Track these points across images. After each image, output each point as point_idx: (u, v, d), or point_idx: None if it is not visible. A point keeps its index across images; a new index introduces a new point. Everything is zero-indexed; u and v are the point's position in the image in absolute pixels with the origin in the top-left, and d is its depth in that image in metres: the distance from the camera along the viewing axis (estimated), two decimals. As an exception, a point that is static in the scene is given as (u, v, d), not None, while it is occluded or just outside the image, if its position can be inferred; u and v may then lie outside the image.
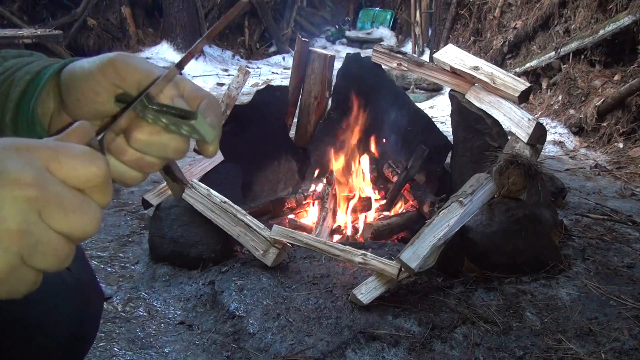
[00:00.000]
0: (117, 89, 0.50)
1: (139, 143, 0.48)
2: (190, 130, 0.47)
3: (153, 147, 0.49)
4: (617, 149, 3.62)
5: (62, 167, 0.39)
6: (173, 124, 0.47)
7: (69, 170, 0.39)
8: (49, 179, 0.38)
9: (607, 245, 2.23)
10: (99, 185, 0.41)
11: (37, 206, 0.37)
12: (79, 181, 0.40)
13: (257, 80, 6.76)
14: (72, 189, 0.39)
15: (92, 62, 0.51)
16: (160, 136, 0.48)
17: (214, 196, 2.02)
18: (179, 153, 0.50)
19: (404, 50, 2.41)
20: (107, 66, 0.50)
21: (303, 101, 2.80)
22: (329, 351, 1.56)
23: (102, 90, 0.50)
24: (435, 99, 5.55)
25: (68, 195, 0.39)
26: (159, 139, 0.48)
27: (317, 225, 2.34)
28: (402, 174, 2.52)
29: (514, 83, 2.06)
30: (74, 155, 0.40)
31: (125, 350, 1.58)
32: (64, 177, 0.39)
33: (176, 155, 0.50)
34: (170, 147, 0.49)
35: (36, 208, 0.37)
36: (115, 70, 0.50)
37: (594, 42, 4.08)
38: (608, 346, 1.58)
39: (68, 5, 7.01)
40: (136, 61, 0.51)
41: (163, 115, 0.47)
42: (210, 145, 0.49)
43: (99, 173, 0.40)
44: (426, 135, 2.60)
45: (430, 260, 1.73)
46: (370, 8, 10.84)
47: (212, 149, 0.49)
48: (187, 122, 0.46)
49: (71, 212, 0.38)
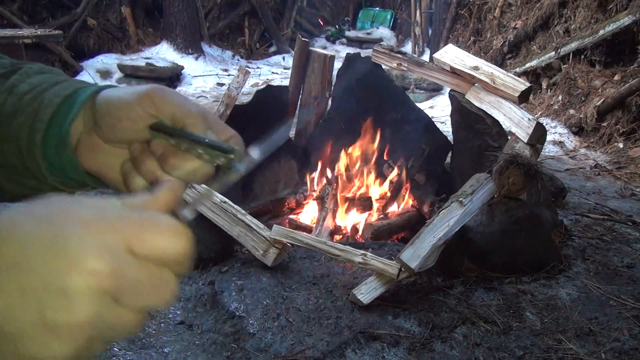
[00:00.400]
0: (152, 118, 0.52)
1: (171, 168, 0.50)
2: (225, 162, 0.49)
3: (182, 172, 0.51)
4: (617, 149, 3.62)
5: (144, 245, 0.37)
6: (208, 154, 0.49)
7: (152, 249, 0.37)
8: (129, 263, 0.36)
9: (607, 245, 2.23)
10: (181, 262, 0.38)
11: (113, 294, 0.35)
12: (162, 260, 0.38)
13: (257, 80, 6.76)
14: (152, 266, 0.37)
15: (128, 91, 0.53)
16: (193, 163, 0.50)
17: (214, 196, 2.02)
18: (205, 176, 0.52)
19: (404, 50, 2.41)
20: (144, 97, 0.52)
21: (303, 101, 2.80)
22: (329, 351, 1.56)
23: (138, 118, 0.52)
24: (435, 99, 5.55)
25: (147, 278, 0.37)
26: (191, 165, 0.51)
27: (317, 225, 2.34)
28: (402, 174, 2.52)
29: (514, 83, 2.06)
30: (159, 232, 0.37)
31: (125, 350, 1.58)
32: (145, 255, 0.37)
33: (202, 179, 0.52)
34: (199, 173, 0.51)
35: (111, 295, 0.35)
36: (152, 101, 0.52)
37: (594, 42, 4.08)
38: (608, 346, 1.58)
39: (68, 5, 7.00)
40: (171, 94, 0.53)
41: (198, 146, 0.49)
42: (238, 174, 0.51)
43: (182, 250, 0.38)
44: (426, 135, 2.60)
45: (430, 260, 1.73)
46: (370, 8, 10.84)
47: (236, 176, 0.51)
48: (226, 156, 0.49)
49: (147, 294, 0.37)
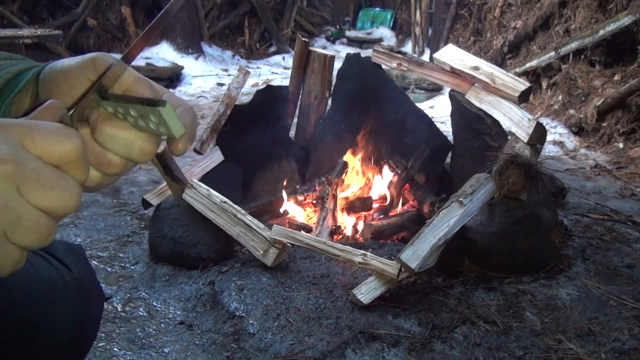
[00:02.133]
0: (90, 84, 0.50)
1: (104, 136, 0.47)
2: (157, 122, 0.45)
3: (117, 143, 0.48)
4: (617, 149, 3.62)
5: (36, 143, 0.39)
6: (141, 117, 0.46)
7: (44, 147, 0.39)
8: (25, 155, 0.38)
9: (607, 245, 2.23)
10: (75, 160, 0.41)
11: (15, 182, 0.37)
12: (55, 157, 0.40)
13: (257, 80, 6.76)
14: (49, 165, 0.39)
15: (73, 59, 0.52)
16: (127, 132, 0.47)
17: (214, 196, 2.02)
18: (144, 154, 0.49)
19: (404, 50, 2.41)
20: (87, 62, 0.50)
21: (303, 101, 2.80)
22: (329, 351, 1.56)
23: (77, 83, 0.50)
24: (435, 99, 5.55)
25: (45, 171, 0.39)
26: (125, 134, 0.48)
27: (317, 225, 2.34)
28: (402, 174, 2.52)
29: (514, 83, 2.06)
30: (47, 131, 0.40)
31: (125, 350, 1.58)
32: (39, 153, 0.39)
33: (140, 157, 0.49)
34: (135, 146, 0.48)
35: (14, 184, 0.37)
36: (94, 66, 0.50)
37: (594, 42, 4.08)
38: (608, 346, 1.58)
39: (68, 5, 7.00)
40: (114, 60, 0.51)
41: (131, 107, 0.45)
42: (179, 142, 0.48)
43: (74, 147, 0.40)
44: (426, 135, 2.60)
45: (430, 260, 1.73)
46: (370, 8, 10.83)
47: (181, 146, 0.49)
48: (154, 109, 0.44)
49: (50, 188, 0.38)
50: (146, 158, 0.49)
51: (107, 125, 0.47)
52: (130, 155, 0.49)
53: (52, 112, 0.43)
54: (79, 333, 0.77)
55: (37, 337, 0.72)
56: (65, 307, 0.75)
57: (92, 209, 2.64)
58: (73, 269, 0.79)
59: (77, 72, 0.50)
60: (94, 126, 0.48)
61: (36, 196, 0.38)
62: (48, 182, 0.39)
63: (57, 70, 0.52)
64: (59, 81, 0.51)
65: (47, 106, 0.43)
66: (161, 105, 0.44)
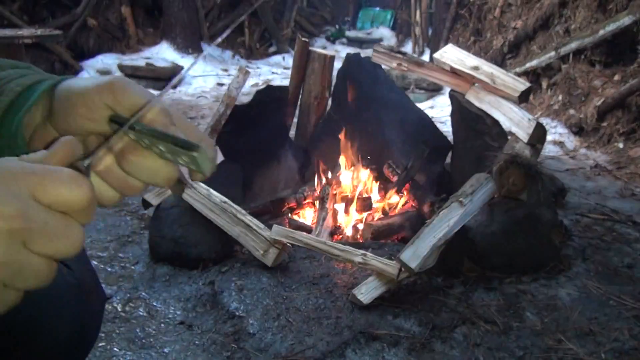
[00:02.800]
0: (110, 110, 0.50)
1: (131, 165, 0.48)
2: (188, 162, 0.46)
3: (143, 172, 0.48)
4: (617, 149, 3.62)
5: (47, 193, 0.39)
6: (170, 153, 0.46)
7: (54, 196, 0.39)
8: (34, 207, 0.38)
9: (607, 245, 2.23)
10: (84, 208, 0.41)
11: (22, 236, 0.37)
12: (64, 206, 0.40)
13: (257, 80, 6.75)
14: (57, 213, 0.40)
15: (90, 80, 0.51)
16: (154, 162, 0.48)
17: (214, 196, 2.02)
18: (168, 181, 0.49)
19: (404, 50, 2.41)
20: (104, 86, 0.49)
21: (303, 101, 2.80)
22: (329, 351, 1.56)
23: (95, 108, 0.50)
24: (435, 99, 5.55)
25: (52, 222, 0.39)
26: (152, 164, 0.48)
27: (317, 225, 2.34)
28: (402, 174, 2.52)
29: (514, 83, 2.06)
30: (59, 180, 0.40)
31: (125, 350, 1.58)
32: (49, 202, 0.39)
33: (164, 183, 0.49)
34: (160, 174, 0.48)
35: (20, 238, 0.37)
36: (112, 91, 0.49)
37: (594, 42, 4.08)
38: (608, 346, 1.58)
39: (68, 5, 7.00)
40: (134, 87, 0.50)
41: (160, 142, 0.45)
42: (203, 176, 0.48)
43: (84, 197, 0.41)
44: (426, 135, 2.60)
45: (430, 260, 1.73)
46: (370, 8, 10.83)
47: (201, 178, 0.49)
48: (189, 153, 0.44)
49: (55, 238, 0.39)
50: (169, 184, 0.50)
51: (133, 155, 0.47)
52: (155, 182, 0.49)
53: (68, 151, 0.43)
54: (80, 333, 0.77)
55: (37, 337, 0.72)
56: (67, 307, 0.75)
57: (92, 209, 2.64)
58: (74, 268, 0.79)
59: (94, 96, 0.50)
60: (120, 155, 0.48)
61: (41, 247, 0.38)
62: (54, 233, 0.39)
63: (73, 90, 0.51)
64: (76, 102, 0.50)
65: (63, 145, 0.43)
66: (196, 150, 0.44)
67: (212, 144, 0.52)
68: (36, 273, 0.39)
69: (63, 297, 0.75)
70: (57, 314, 0.74)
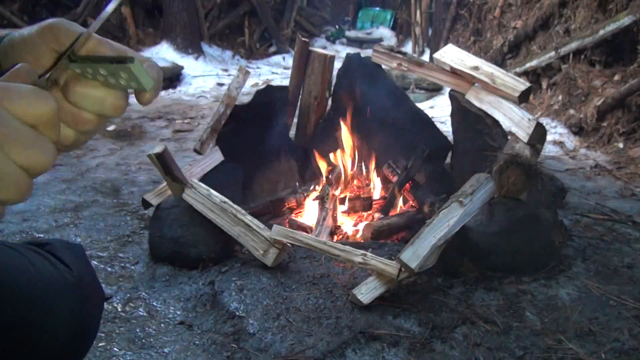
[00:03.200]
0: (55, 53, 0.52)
1: (77, 96, 0.50)
2: (128, 78, 0.48)
3: (90, 101, 0.50)
4: (617, 149, 3.62)
5: (14, 105, 0.42)
6: (111, 75, 0.48)
7: (21, 108, 0.42)
8: (6, 116, 0.41)
9: (607, 245, 2.23)
10: (50, 121, 0.44)
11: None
12: (32, 118, 0.42)
13: (257, 80, 6.76)
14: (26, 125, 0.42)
15: (31, 29, 0.53)
16: (98, 90, 0.50)
17: (214, 196, 2.02)
18: (116, 109, 0.51)
19: (404, 50, 2.41)
20: (46, 31, 0.52)
21: (303, 101, 2.80)
22: (329, 351, 1.56)
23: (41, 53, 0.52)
24: (435, 99, 5.55)
25: (24, 131, 0.42)
26: (96, 92, 0.50)
27: (317, 225, 2.34)
28: (402, 174, 2.52)
29: (514, 83, 2.06)
30: (25, 93, 0.43)
31: (125, 350, 1.58)
32: (17, 115, 0.42)
33: (113, 112, 0.51)
34: (107, 102, 0.51)
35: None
36: (53, 34, 0.52)
37: (594, 42, 4.08)
38: (608, 346, 1.58)
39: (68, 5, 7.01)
40: (73, 26, 0.53)
41: (101, 66, 0.48)
42: (147, 93, 0.51)
43: (49, 109, 0.43)
44: (426, 135, 2.60)
45: (430, 260, 1.73)
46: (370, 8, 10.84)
47: (148, 96, 0.52)
48: (124, 66, 0.47)
49: (29, 147, 0.42)
50: (118, 113, 0.52)
51: (78, 85, 0.50)
52: (103, 111, 0.51)
53: (24, 75, 0.46)
54: (79, 332, 0.77)
55: (36, 335, 0.72)
56: (66, 306, 0.75)
57: (92, 209, 2.64)
58: (73, 268, 0.79)
59: (37, 41, 0.52)
60: (65, 87, 0.50)
61: (17, 155, 0.41)
62: (27, 141, 0.42)
63: (16, 40, 0.53)
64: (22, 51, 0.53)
65: (18, 70, 0.46)
66: (130, 62, 0.47)
67: (155, 65, 0.54)
68: (16, 183, 0.41)
69: (62, 295, 0.75)
70: (56, 313, 0.74)
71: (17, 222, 2.43)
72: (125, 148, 3.87)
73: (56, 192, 2.85)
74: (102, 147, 3.84)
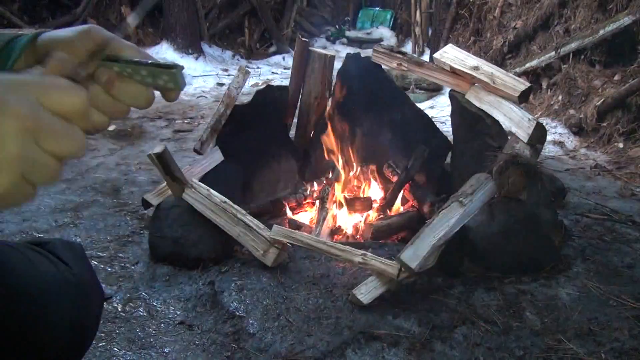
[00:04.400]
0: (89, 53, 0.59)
1: (117, 91, 0.57)
2: (168, 80, 0.57)
3: (127, 95, 0.58)
4: (617, 149, 3.62)
5: (51, 99, 0.46)
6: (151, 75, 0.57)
7: (56, 102, 0.47)
8: (42, 110, 0.46)
9: (607, 245, 2.23)
10: (80, 112, 0.49)
11: (34, 135, 0.44)
12: (65, 110, 0.47)
13: (257, 80, 6.75)
14: (60, 117, 0.47)
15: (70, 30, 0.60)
16: (136, 87, 0.58)
17: (214, 196, 2.02)
18: (148, 103, 0.59)
19: (404, 50, 2.40)
20: (84, 34, 0.59)
21: (303, 101, 2.80)
22: (329, 351, 1.56)
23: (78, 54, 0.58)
24: (435, 99, 5.55)
25: (57, 124, 0.46)
26: (134, 88, 0.58)
27: (317, 225, 2.34)
28: (402, 174, 2.52)
29: (514, 83, 2.06)
30: (61, 88, 0.48)
31: (125, 350, 1.58)
32: (52, 107, 0.46)
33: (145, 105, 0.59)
34: (142, 96, 0.59)
35: (33, 136, 0.44)
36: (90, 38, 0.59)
37: (594, 42, 4.08)
38: (608, 346, 1.58)
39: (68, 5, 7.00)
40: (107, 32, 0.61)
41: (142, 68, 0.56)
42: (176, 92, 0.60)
43: (81, 103, 0.48)
44: (426, 135, 2.60)
45: (430, 260, 1.73)
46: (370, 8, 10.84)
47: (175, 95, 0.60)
48: (169, 71, 0.56)
49: (61, 138, 0.46)
50: (148, 105, 0.60)
51: (120, 82, 0.57)
52: (137, 104, 0.59)
53: (63, 66, 0.52)
54: (78, 330, 0.77)
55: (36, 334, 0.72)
56: (65, 304, 0.75)
57: (92, 209, 2.64)
58: (73, 266, 0.79)
59: (76, 42, 0.58)
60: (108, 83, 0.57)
61: (50, 145, 0.46)
62: (60, 132, 0.46)
63: (55, 39, 0.59)
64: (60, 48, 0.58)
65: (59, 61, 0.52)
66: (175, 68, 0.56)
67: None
68: (47, 169, 0.46)
69: (62, 294, 0.75)
70: (55, 311, 0.74)
71: (17, 222, 2.43)
72: (125, 148, 3.87)
73: (56, 192, 2.85)
74: (102, 147, 3.84)
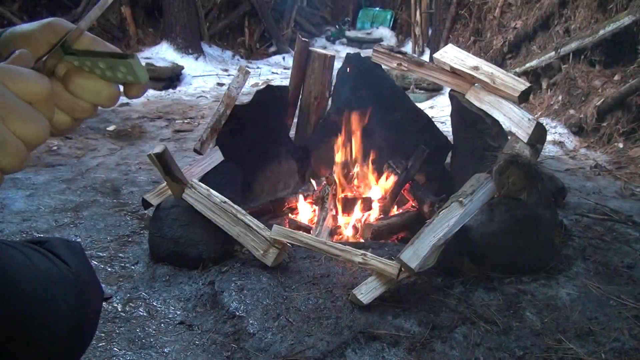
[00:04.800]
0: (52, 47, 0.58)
1: (76, 86, 0.55)
2: (126, 72, 0.53)
3: (88, 92, 0.56)
4: (617, 149, 3.62)
5: (15, 83, 0.48)
6: (110, 68, 0.53)
7: (20, 87, 0.48)
8: (7, 92, 0.47)
9: (607, 245, 2.23)
10: (45, 99, 0.50)
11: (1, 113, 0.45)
12: (29, 95, 0.48)
13: (257, 80, 6.76)
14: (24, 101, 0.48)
15: (31, 24, 0.60)
16: (95, 82, 0.56)
17: (214, 196, 2.02)
18: (110, 100, 0.57)
19: (404, 50, 2.41)
20: (45, 27, 0.59)
21: (303, 101, 2.80)
22: (329, 351, 1.56)
23: (40, 47, 0.58)
24: (435, 99, 5.55)
25: (23, 106, 0.48)
26: (94, 84, 0.56)
27: (317, 225, 2.34)
28: (402, 174, 2.52)
29: (514, 83, 2.06)
30: (24, 74, 0.49)
31: (125, 350, 1.58)
32: (17, 91, 0.48)
33: (108, 102, 0.57)
34: (104, 93, 0.56)
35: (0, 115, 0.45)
36: (52, 30, 0.59)
37: (594, 42, 4.08)
38: (608, 346, 1.58)
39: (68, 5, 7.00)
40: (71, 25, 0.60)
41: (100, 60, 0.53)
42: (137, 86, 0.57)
43: (44, 88, 0.49)
44: (426, 135, 2.60)
45: (430, 260, 1.73)
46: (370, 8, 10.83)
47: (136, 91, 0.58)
48: (125, 61, 0.52)
49: (27, 120, 0.47)
50: (112, 103, 0.58)
51: (77, 77, 0.55)
52: (99, 101, 0.57)
53: (24, 59, 0.52)
54: (77, 328, 0.77)
55: (35, 332, 0.72)
56: (64, 302, 0.75)
57: (92, 209, 2.64)
58: (72, 265, 0.79)
59: (37, 35, 0.58)
60: (65, 79, 0.55)
61: (15, 125, 0.46)
62: (25, 115, 0.47)
63: (17, 34, 0.59)
64: (22, 42, 0.58)
65: (19, 55, 0.52)
66: (131, 58, 0.53)
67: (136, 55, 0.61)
68: (15, 150, 0.46)
69: (61, 292, 0.75)
70: (54, 309, 0.74)
71: (17, 222, 2.43)
72: (125, 148, 3.87)
73: (56, 192, 2.85)
74: (102, 147, 3.84)
